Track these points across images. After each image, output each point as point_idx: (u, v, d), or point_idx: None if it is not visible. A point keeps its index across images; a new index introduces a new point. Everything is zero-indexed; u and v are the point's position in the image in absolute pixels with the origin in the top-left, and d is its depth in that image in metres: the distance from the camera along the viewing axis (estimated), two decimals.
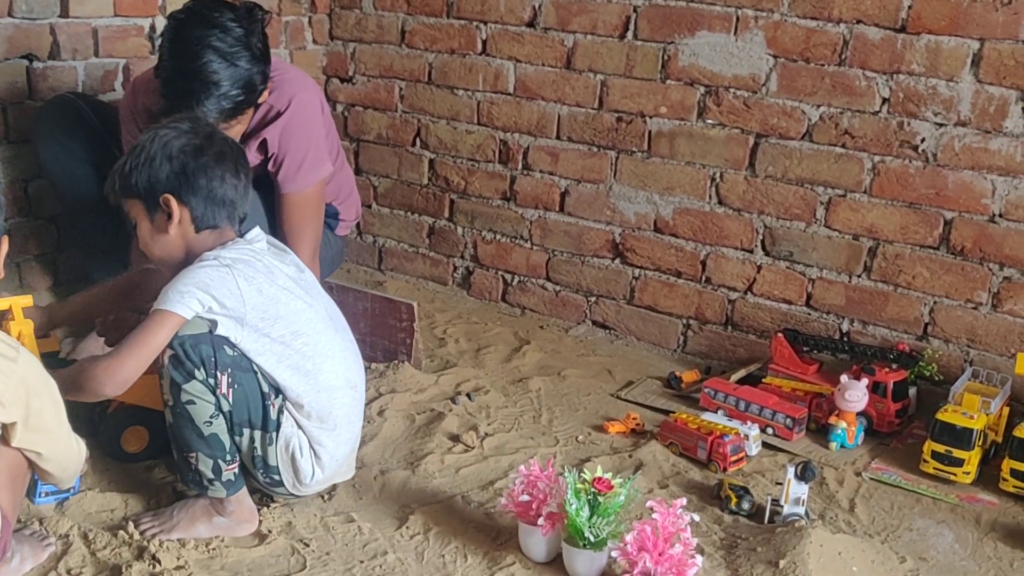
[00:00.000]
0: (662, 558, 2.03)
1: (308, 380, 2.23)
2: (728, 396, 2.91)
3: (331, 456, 2.30)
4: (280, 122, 2.77)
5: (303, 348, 2.23)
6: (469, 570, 2.20)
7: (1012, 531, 2.47)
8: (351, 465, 2.46)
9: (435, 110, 3.73)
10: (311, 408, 2.24)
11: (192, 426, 2.18)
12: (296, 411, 2.24)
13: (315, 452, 2.26)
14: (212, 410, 2.17)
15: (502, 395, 3.03)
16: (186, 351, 2.12)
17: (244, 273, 2.17)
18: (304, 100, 2.83)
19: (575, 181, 3.51)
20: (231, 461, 2.23)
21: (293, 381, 2.22)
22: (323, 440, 2.26)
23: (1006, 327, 2.91)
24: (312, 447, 2.26)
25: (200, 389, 2.15)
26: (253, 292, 2.17)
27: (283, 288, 2.23)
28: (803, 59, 3.03)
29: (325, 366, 2.26)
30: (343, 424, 2.30)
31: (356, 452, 2.46)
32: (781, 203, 3.16)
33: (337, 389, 2.28)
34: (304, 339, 2.23)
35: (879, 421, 2.88)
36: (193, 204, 2.22)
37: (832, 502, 2.55)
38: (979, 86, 2.82)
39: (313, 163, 2.83)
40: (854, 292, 3.11)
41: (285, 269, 2.28)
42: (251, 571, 2.16)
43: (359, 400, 2.38)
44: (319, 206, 2.91)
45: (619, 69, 3.33)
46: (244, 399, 2.18)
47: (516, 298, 3.73)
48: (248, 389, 2.18)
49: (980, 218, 2.89)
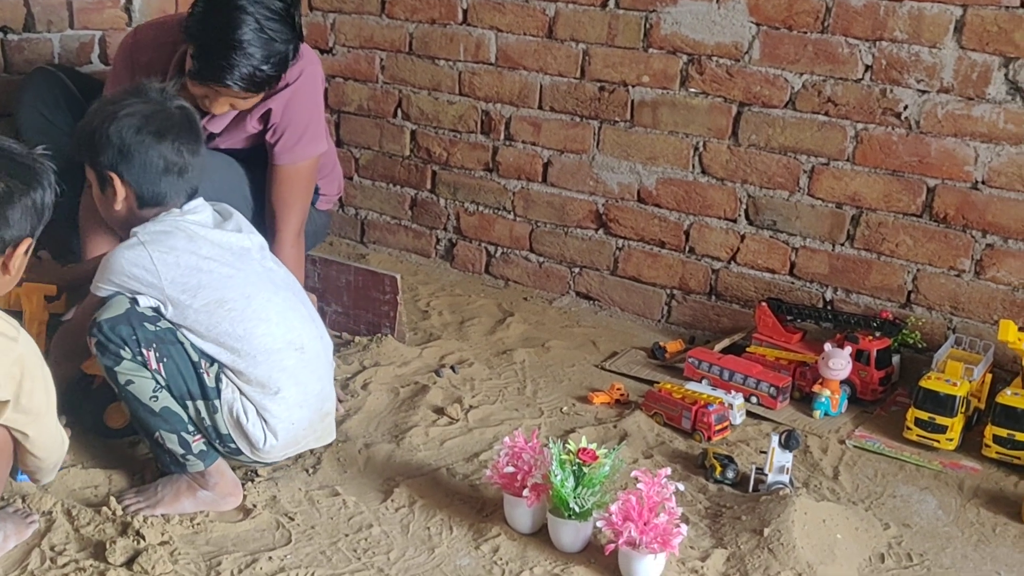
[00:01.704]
0: (647, 527, 2.03)
1: (240, 346, 2.20)
2: (712, 366, 2.92)
3: (285, 421, 2.25)
4: (287, 93, 2.73)
5: (230, 315, 2.20)
6: (454, 542, 2.20)
7: (994, 496, 2.49)
8: (327, 431, 2.41)
9: (416, 81, 3.71)
10: (250, 374, 2.20)
11: (142, 405, 2.19)
12: (237, 377, 2.21)
13: (264, 419, 2.22)
14: (153, 385, 2.17)
15: (486, 367, 3.03)
16: (106, 335, 2.14)
17: (161, 246, 2.17)
18: (313, 74, 2.80)
19: (558, 151, 3.49)
20: (195, 432, 2.23)
21: (223, 350, 2.20)
22: (268, 406, 2.22)
23: (989, 294, 2.92)
24: (259, 413, 2.22)
25: (132, 367, 2.15)
26: (170, 265, 2.16)
27: (206, 257, 2.21)
28: (786, 27, 3.02)
29: (258, 331, 2.22)
30: (289, 387, 2.24)
31: (329, 417, 2.41)
32: (764, 172, 3.15)
33: (276, 352, 2.24)
34: (230, 306, 2.20)
35: (863, 389, 2.89)
36: (137, 183, 2.21)
37: (816, 470, 2.56)
38: (962, 53, 2.81)
39: (312, 137, 2.81)
40: (837, 260, 3.11)
41: (215, 236, 2.26)
42: (236, 546, 2.15)
43: (310, 361, 2.31)
44: (310, 181, 2.89)
45: (601, 38, 3.31)
46: (176, 371, 2.17)
47: (499, 270, 3.72)
48: (178, 360, 2.17)
49: (963, 185, 2.89)
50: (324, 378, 2.37)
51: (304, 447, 2.38)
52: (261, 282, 2.29)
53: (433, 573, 2.11)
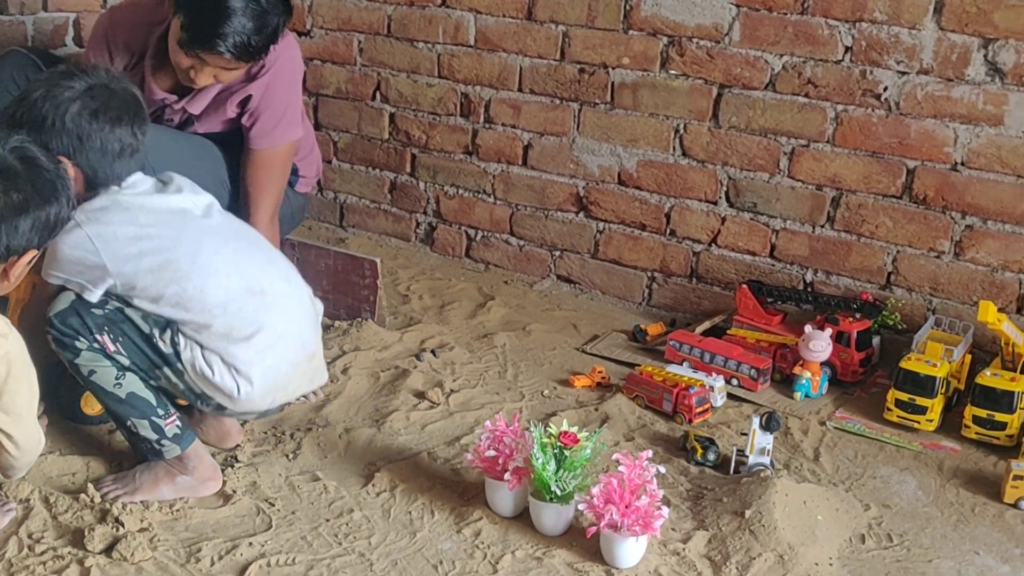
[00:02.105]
0: (628, 510, 2.03)
1: (196, 304, 2.17)
2: (693, 348, 2.92)
3: (258, 366, 2.20)
4: (267, 78, 2.71)
5: (177, 275, 2.17)
6: (436, 526, 2.20)
7: (973, 477, 2.50)
8: (317, 373, 2.37)
9: (395, 63, 3.68)
10: (212, 327, 2.17)
11: (108, 394, 2.18)
12: (199, 334, 2.17)
13: (233, 367, 2.18)
14: (115, 372, 2.17)
15: (467, 351, 3.02)
16: (59, 329, 2.14)
17: (98, 223, 2.15)
18: (291, 58, 2.78)
19: (538, 134, 3.48)
20: (165, 415, 2.21)
21: (180, 310, 2.17)
22: (235, 353, 2.18)
23: (968, 275, 2.92)
24: (227, 362, 2.18)
25: (91, 357, 2.15)
26: (108, 240, 2.14)
27: (145, 224, 2.19)
28: (766, 8, 3.01)
29: (209, 285, 2.19)
30: (256, 332, 2.20)
31: (317, 359, 2.36)
32: (745, 154, 3.14)
33: (233, 302, 2.20)
34: (176, 266, 2.17)
35: (843, 371, 2.89)
36: (91, 168, 2.19)
37: (797, 452, 2.57)
38: (941, 34, 2.81)
39: (289, 123, 2.80)
40: (817, 242, 3.11)
41: (152, 202, 2.24)
42: (216, 532, 2.14)
43: (274, 303, 2.27)
44: (285, 166, 2.87)
45: (581, 20, 3.30)
46: (133, 346, 2.16)
47: (480, 253, 3.70)
48: (132, 336, 2.16)
49: (942, 167, 2.89)
50: (298, 319, 2.32)
51: (296, 391, 2.33)
52: (206, 238, 2.25)
53: (415, 557, 2.10)
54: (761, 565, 2.09)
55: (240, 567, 2.04)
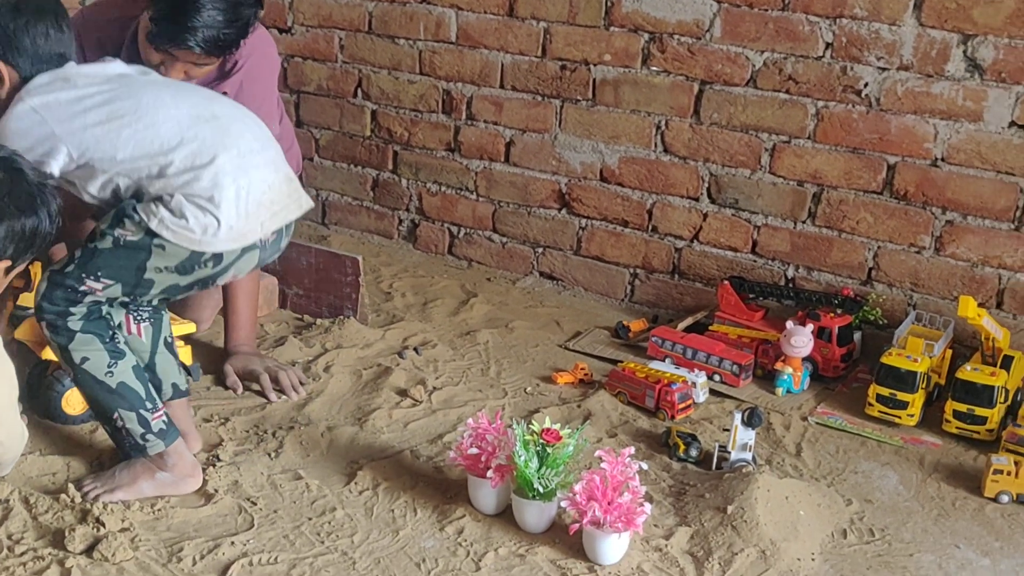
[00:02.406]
0: (611, 507, 2.04)
1: (152, 146, 2.14)
2: (675, 344, 2.92)
3: (229, 187, 2.16)
4: (240, 75, 2.69)
5: (125, 120, 2.15)
6: (419, 524, 2.20)
7: (954, 471, 2.51)
8: (299, 196, 2.34)
9: (376, 60, 3.67)
10: (175, 163, 2.14)
11: (98, 384, 2.17)
12: (163, 181, 2.14)
13: (205, 200, 2.14)
14: (107, 358, 2.16)
15: (450, 348, 3.02)
16: (49, 311, 2.15)
17: (38, 94, 2.13)
18: (265, 55, 2.76)
19: (520, 131, 3.47)
20: (153, 408, 2.21)
21: (140, 160, 2.14)
22: (203, 183, 2.13)
23: (948, 270, 2.94)
24: (196, 200, 2.14)
25: (85, 341, 2.15)
26: (51, 106, 2.13)
27: (85, 86, 2.17)
28: (746, 4, 3.01)
29: (159, 119, 2.17)
30: (217, 155, 2.16)
31: (295, 182, 2.33)
32: (726, 150, 3.15)
33: (188, 130, 2.18)
34: (121, 112, 2.16)
35: (824, 366, 2.90)
36: (20, 64, 2.16)
37: (779, 447, 2.58)
38: (921, 30, 2.82)
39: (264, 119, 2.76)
40: (799, 238, 3.12)
41: (90, 70, 2.23)
42: (198, 531, 2.13)
43: (230, 125, 2.24)
44: None
45: (562, 16, 3.29)
46: (113, 267, 2.15)
47: (462, 250, 3.70)
48: (107, 259, 2.15)
49: (923, 162, 2.91)
50: (261, 141, 2.30)
51: (284, 214, 2.28)
52: (146, 87, 2.25)
53: (397, 555, 2.10)
54: (743, 560, 2.10)
55: (222, 566, 2.03)
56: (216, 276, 2.23)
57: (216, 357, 2.80)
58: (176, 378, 2.37)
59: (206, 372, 2.72)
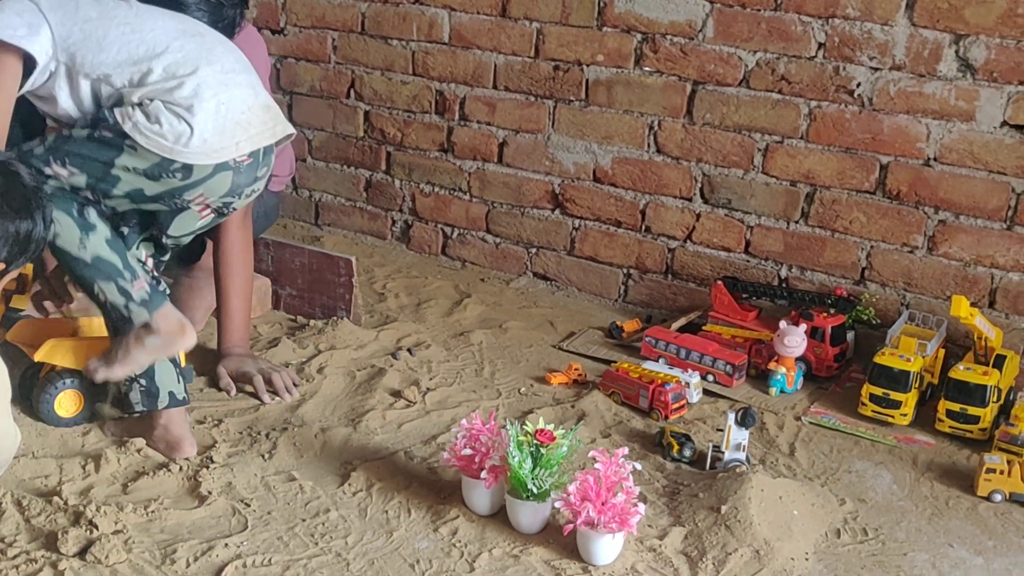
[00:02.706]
0: (605, 507, 2.04)
1: (139, 50, 2.17)
2: (669, 344, 2.92)
3: (208, 101, 2.17)
4: None
5: (115, 20, 2.19)
6: (413, 525, 2.19)
7: (947, 470, 2.52)
8: (278, 122, 2.34)
9: (369, 61, 3.67)
10: (155, 71, 2.16)
11: (74, 260, 2.19)
12: (142, 88, 2.15)
13: (181, 107, 2.15)
14: (77, 232, 2.18)
15: (443, 349, 3.02)
16: None
17: None
18: (256, 56, 2.74)
19: (513, 131, 3.48)
20: (132, 277, 2.22)
21: (124, 65, 2.16)
22: (183, 91, 2.15)
23: (941, 270, 2.94)
24: (172, 107, 2.15)
25: (55, 216, 2.14)
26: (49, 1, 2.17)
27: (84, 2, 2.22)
28: (739, 4, 3.02)
29: (148, 25, 2.20)
30: (199, 67, 2.18)
31: (273, 109, 2.34)
32: (719, 151, 3.15)
33: (175, 40, 2.21)
34: (112, 14, 2.20)
35: (818, 366, 2.91)
36: None
37: (772, 447, 2.58)
38: (913, 30, 2.82)
39: None
40: (792, 238, 3.12)
41: None
42: (191, 533, 2.13)
43: (214, 45, 2.28)
44: None
45: (555, 17, 3.29)
46: (81, 158, 2.16)
47: (456, 251, 3.70)
48: (77, 148, 2.16)
49: (915, 162, 2.91)
50: (244, 65, 2.32)
51: (259, 138, 2.28)
52: (140, 4, 2.30)
53: (391, 556, 2.10)
54: (737, 560, 2.10)
55: (216, 568, 2.03)
56: (184, 190, 2.21)
57: (209, 359, 2.79)
58: (174, 387, 2.37)
59: (199, 374, 2.72)
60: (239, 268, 2.75)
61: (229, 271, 2.74)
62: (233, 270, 2.74)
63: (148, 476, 2.28)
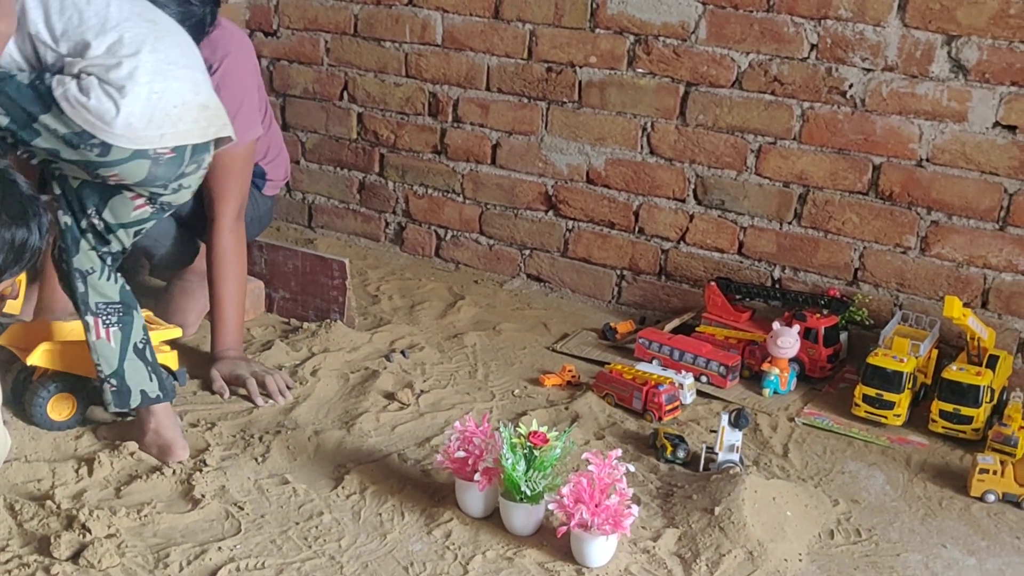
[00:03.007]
0: (599, 509, 2.04)
1: (88, 13, 2.16)
2: (663, 346, 2.92)
3: (144, 85, 2.15)
4: (215, 80, 2.64)
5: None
6: (406, 528, 2.19)
7: (941, 471, 2.52)
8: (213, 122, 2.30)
9: (362, 63, 3.67)
10: (101, 47, 2.14)
11: None
12: (82, 59, 2.14)
13: (112, 86, 2.13)
14: None
15: (437, 351, 3.01)
16: None
17: None
18: (240, 59, 2.74)
19: (506, 133, 3.47)
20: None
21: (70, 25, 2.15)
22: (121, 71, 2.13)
23: (934, 270, 2.95)
24: (105, 83, 2.13)
25: None
26: None
27: None
28: (732, 6, 3.02)
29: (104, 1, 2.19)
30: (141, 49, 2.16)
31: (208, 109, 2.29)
32: (712, 152, 3.15)
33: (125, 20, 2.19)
34: None
35: (811, 367, 2.91)
36: None
37: (766, 448, 2.58)
38: (905, 31, 2.83)
39: (244, 123, 2.73)
40: (785, 239, 3.12)
41: None
42: (184, 537, 2.13)
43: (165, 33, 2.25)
44: (245, 167, 2.83)
45: (548, 18, 3.29)
46: (9, 101, 2.14)
47: (450, 253, 3.70)
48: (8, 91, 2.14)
49: (908, 163, 2.91)
50: (194, 62, 2.31)
51: (188, 135, 2.23)
52: None
53: (385, 559, 2.10)
54: (731, 562, 2.10)
55: (209, 572, 2.02)
56: (100, 166, 2.19)
57: (203, 361, 2.79)
58: (146, 386, 2.36)
59: (193, 376, 2.71)
60: (232, 271, 2.75)
61: (222, 274, 2.74)
62: (226, 273, 2.74)
63: (141, 480, 2.28)
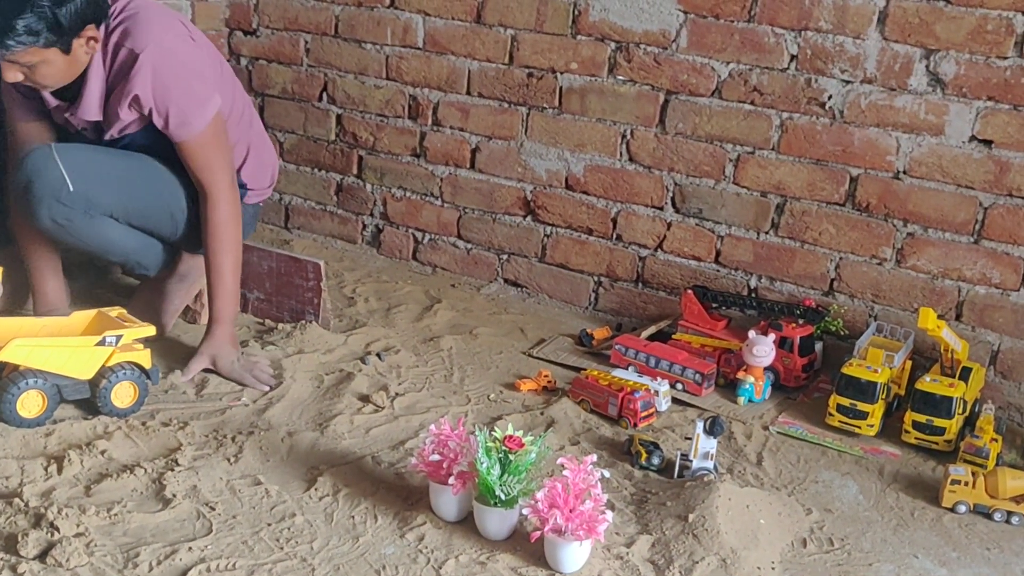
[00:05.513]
0: (573, 514, 2.03)
1: None
2: (639, 353, 2.92)
3: None
4: (145, 75, 2.58)
5: None
6: (379, 530, 2.18)
7: (913, 481, 2.53)
8: None
9: (342, 64, 3.66)
10: None
11: None
12: None
13: None
14: None
15: (413, 354, 3.00)
16: None
17: None
18: (162, 45, 2.61)
19: (486, 138, 3.47)
20: None
21: None
22: None
23: (909, 282, 2.96)
24: None
25: None
26: None
27: None
28: (713, 15, 3.03)
29: None
30: None
31: None
32: (691, 160, 3.16)
33: None
34: None
35: (786, 376, 2.92)
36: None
37: (740, 456, 2.58)
38: (885, 43, 2.85)
39: (199, 103, 2.67)
40: (762, 249, 3.14)
41: None
42: (155, 536, 2.10)
43: None
44: (219, 139, 2.75)
45: (530, 24, 3.30)
46: None
47: (427, 256, 3.69)
48: None
49: (885, 175, 2.93)
50: None
51: None
52: None
53: (357, 562, 2.08)
54: (704, 569, 2.10)
55: (179, 572, 2.00)
56: None
57: (178, 358, 2.77)
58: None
59: (171, 370, 2.70)
60: (230, 243, 2.76)
61: (220, 246, 2.75)
62: (224, 245, 2.75)
63: (111, 478, 2.25)
